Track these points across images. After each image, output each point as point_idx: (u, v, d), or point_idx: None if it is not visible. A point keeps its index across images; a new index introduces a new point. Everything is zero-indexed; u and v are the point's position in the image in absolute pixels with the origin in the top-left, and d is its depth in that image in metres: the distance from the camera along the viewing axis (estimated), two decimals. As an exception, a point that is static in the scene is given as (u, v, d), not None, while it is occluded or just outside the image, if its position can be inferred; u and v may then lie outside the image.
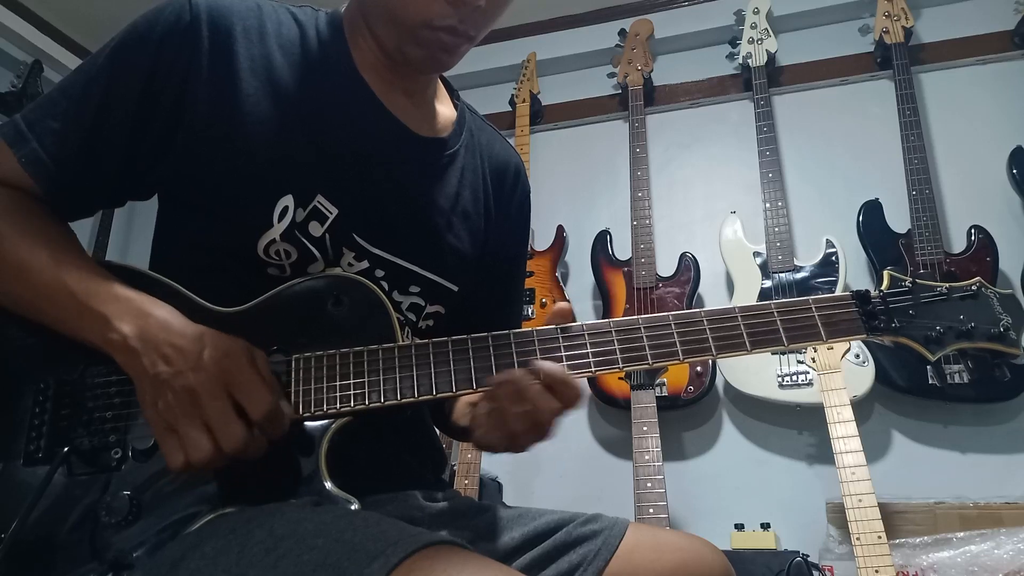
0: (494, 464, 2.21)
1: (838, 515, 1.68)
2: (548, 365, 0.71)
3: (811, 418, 2.02)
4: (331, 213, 0.80)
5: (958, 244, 2.08)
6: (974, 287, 0.78)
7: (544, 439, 0.73)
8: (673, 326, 0.74)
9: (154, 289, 0.73)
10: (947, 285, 0.78)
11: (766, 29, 2.44)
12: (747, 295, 2.14)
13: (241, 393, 0.65)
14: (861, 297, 0.76)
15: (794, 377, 1.98)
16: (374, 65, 0.86)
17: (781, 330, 0.74)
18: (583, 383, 0.72)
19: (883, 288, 0.78)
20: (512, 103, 2.71)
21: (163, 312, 0.69)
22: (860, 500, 1.53)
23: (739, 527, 1.94)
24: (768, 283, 2.13)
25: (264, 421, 0.65)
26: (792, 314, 0.75)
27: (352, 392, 0.71)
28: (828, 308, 0.76)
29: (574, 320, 0.76)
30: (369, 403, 0.70)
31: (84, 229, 2.73)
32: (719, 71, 2.62)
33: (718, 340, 0.74)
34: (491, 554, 0.73)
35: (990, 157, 2.18)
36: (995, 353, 0.76)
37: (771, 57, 2.41)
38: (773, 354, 2.01)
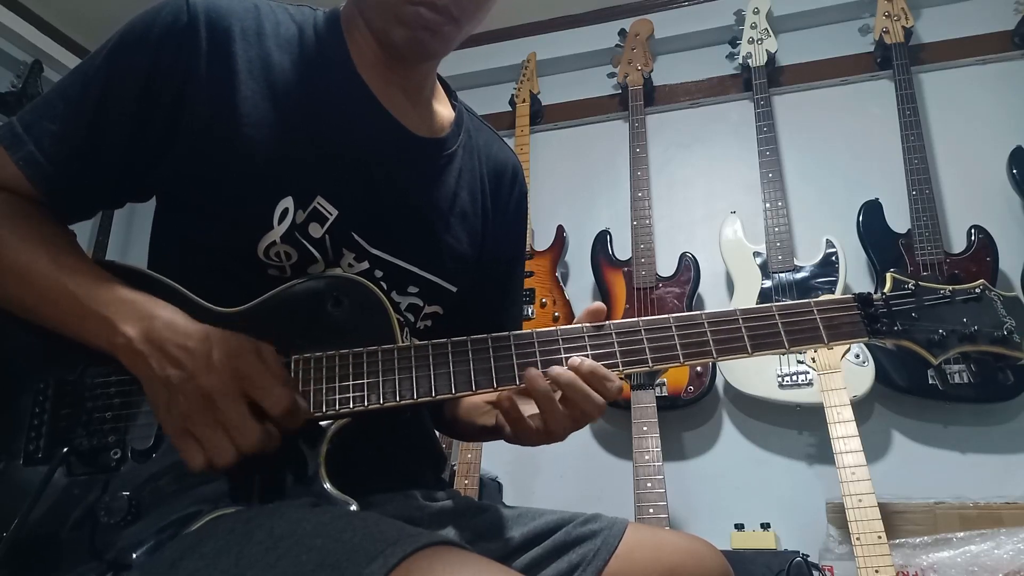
0: (494, 464, 2.21)
1: (838, 515, 1.68)
2: (587, 363, 0.72)
3: (811, 418, 2.02)
4: (331, 214, 0.80)
5: (958, 244, 2.08)
6: (977, 290, 0.77)
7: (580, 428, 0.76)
8: (674, 328, 0.74)
9: (155, 289, 0.73)
10: (950, 288, 0.77)
11: (766, 29, 2.44)
12: (747, 295, 2.14)
13: (257, 392, 0.65)
14: (863, 300, 0.76)
15: (794, 377, 1.98)
16: (372, 63, 0.85)
17: (782, 333, 0.74)
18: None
19: (886, 290, 0.78)
20: (512, 103, 2.71)
21: (167, 312, 0.69)
22: (860, 500, 1.52)
23: (739, 527, 1.94)
24: (768, 283, 2.13)
25: (282, 419, 0.66)
26: (794, 316, 0.75)
27: (351, 394, 0.70)
28: (830, 311, 0.75)
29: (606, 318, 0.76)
30: (368, 404, 0.70)
31: (84, 230, 2.72)
32: (719, 71, 2.62)
33: (719, 342, 0.74)
34: (491, 554, 0.73)
35: (990, 157, 2.18)
36: (998, 356, 0.75)
37: (771, 57, 2.41)
38: (773, 355, 2.00)
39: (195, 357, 0.65)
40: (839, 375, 1.69)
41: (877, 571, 1.45)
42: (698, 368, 2.12)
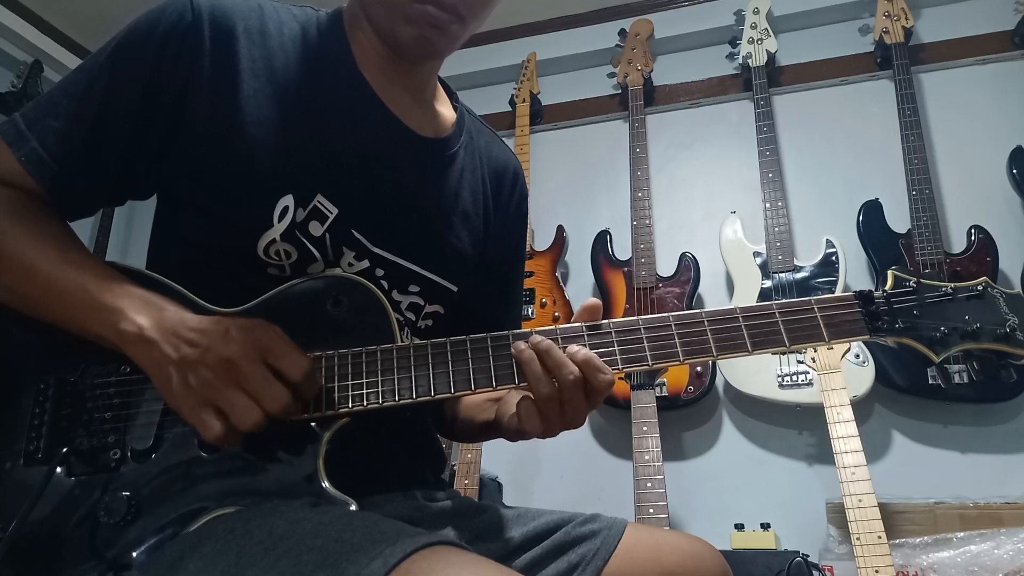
0: (494, 464, 2.21)
1: (838, 515, 1.68)
2: (583, 352, 0.71)
3: (811, 418, 2.02)
4: (331, 213, 0.80)
5: (958, 244, 2.08)
6: (980, 287, 0.76)
7: (576, 427, 0.75)
8: (673, 327, 0.74)
9: (155, 289, 0.73)
10: (952, 285, 0.76)
11: (766, 29, 2.44)
12: (747, 295, 2.14)
13: (276, 357, 0.66)
14: (864, 297, 0.75)
15: (794, 377, 1.98)
16: (375, 62, 0.86)
17: (783, 331, 0.74)
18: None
19: (887, 288, 0.77)
20: (512, 103, 2.71)
21: (176, 307, 0.70)
22: (860, 500, 1.52)
23: (739, 527, 1.94)
24: (768, 283, 2.13)
25: (302, 382, 0.66)
26: (794, 315, 0.74)
27: (351, 393, 0.70)
28: (831, 309, 0.75)
29: (601, 317, 0.76)
30: (368, 404, 0.70)
31: (84, 230, 2.72)
32: (719, 71, 2.62)
33: (719, 341, 0.73)
34: (490, 554, 0.73)
35: (990, 157, 2.18)
36: (1001, 354, 0.75)
37: (771, 57, 2.41)
38: (773, 354, 2.01)
39: (210, 335, 0.66)
40: (839, 375, 1.69)
41: (877, 571, 1.45)
42: (698, 368, 2.12)
